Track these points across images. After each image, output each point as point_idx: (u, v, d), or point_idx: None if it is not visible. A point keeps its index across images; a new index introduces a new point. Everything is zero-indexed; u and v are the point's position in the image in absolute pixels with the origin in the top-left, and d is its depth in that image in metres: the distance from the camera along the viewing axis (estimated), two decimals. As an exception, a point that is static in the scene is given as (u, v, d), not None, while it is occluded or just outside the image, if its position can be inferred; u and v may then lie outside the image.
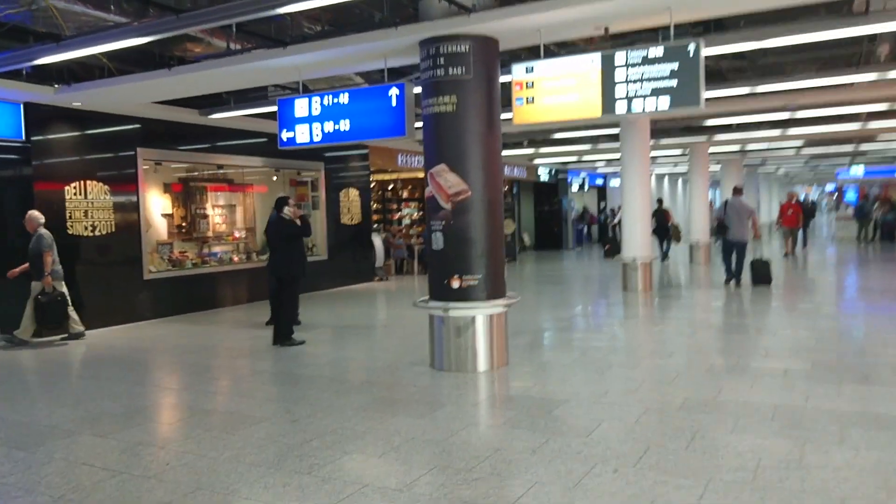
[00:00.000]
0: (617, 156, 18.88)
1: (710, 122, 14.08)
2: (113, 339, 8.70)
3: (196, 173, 12.38)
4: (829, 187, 53.81)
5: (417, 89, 6.65)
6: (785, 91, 10.42)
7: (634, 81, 5.69)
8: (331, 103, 7.21)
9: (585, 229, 27.45)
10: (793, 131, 14.95)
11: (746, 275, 12.18)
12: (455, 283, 6.25)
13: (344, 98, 7.13)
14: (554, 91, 6.05)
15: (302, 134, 7.44)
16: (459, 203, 6.21)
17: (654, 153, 19.18)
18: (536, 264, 19.21)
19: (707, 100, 5.68)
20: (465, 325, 6.27)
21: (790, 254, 18.10)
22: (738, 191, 12.70)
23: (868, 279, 13.42)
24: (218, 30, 7.54)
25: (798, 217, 18.24)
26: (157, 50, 7.94)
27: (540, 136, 16.06)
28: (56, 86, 8.65)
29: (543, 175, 23.94)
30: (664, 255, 18.04)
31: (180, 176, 12.12)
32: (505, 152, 18.41)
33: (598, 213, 28.93)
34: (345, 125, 7.13)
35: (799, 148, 19.92)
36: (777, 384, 5.54)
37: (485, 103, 6.22)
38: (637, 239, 12.21)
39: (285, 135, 7.54)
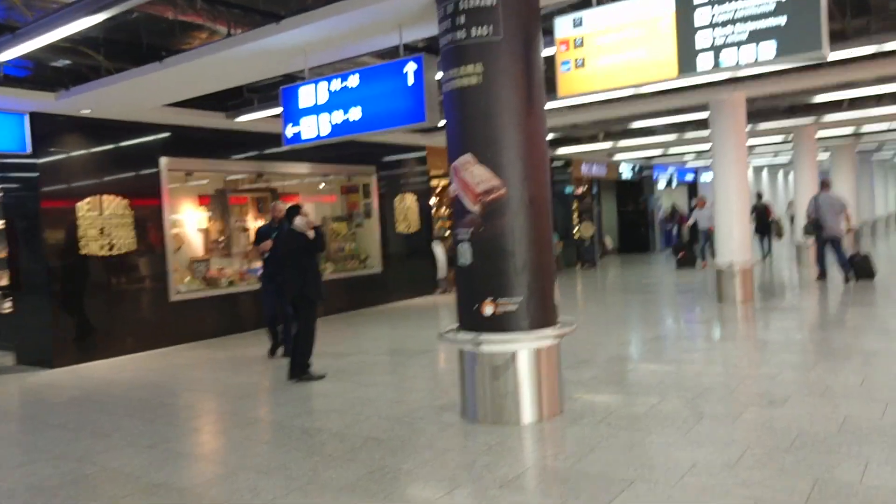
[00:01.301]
0: (707, 146, 16.85)
1: (819, 99, 11.90)
2: (118, 372, 7.68)
3: (237, 186, 11.43)
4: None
5: (440, 74, 5.25)
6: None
7: (724, 24, 4.07)
8: (339, 88, 5.93)
9: (675, 230, 25.17)
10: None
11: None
12: (488, 309, 4.78)
13: (353, 80, 5.82)
14: (611, 48, 4.50)
15: (308, 128, 6.19)
16: (491, 204, 4.75)
17: (750, 141, 17.01)
18: (619, 270, 17.37)
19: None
20: (504, 363, 4.79)
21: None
22: (826, 185, 12.19)
23: None
24: (221, 15, 6.47)
25: None
26: (155, 42, 6.97)
27: (617, 127, 14.26)
28: (57, 90, 7.81)
29: (626, 172, 22.00)
30: (766, 255, 15.87)
31: (217, 187, 11.17)
32: (580, 148, 16.77)
33: (689, 212, 26.57)
34: (356, 114, 5.82)
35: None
36: (954, 453, 3.78)
37: (521, 72, 4.72)
38: (733, 240, 10.30)
39: (290, 130, 6.34)
